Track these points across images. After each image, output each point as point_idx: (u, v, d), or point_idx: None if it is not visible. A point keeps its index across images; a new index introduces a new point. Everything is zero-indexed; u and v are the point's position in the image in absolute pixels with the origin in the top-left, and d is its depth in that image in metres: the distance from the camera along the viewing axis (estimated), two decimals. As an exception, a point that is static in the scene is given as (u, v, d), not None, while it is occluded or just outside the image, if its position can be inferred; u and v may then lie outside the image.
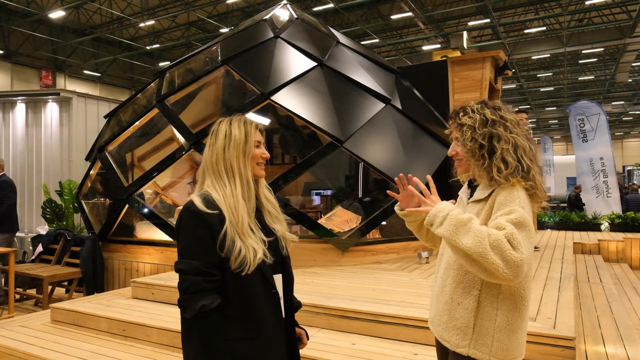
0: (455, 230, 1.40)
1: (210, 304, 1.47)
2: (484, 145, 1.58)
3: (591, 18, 19.05)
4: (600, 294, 4.86)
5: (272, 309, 1.58)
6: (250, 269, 1.49)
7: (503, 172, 1.53)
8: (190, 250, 1.50)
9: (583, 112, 11.20)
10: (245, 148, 1.60)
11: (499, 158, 1.55)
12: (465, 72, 6.49)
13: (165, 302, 4.23)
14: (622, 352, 3.20)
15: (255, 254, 1.50)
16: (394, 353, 2.99)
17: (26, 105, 8.75)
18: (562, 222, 9.59)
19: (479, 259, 1.36)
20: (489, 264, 1.35)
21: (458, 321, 1.57)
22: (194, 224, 1.50)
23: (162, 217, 5.96)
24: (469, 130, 1.61)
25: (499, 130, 1.58)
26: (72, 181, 7.82)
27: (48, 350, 3.45)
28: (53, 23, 19.77)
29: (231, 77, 6.57)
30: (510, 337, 1.53)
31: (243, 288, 1.52)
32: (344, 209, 6.26)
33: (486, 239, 1.36)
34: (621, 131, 42.07)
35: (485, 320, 1.54)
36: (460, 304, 1.57)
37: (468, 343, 1.55)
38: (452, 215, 1.43)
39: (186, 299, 1.48)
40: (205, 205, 1.51)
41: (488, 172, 1.57)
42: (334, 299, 3.64)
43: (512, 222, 1.42)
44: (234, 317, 1.51)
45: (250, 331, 1.52)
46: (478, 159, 1.59)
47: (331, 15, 18.89)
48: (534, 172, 1.56)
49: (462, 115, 1.65)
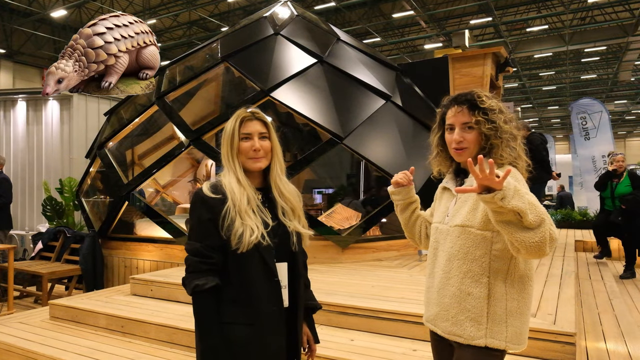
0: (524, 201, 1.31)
1: (203, 284, 1.52)
2: (489, 135, 1.57)
3: (594, 16, 18.96)
4: (601, 291, 4.83)
5: (273, 297, 1.58)
6: (246, 247, 1.52)
7: (504, 161, 1.56)
8: (194, 233, 1.61)
9: (585, 109, 11.15)
10: (232, 142, 1.64)
11: (502, 147, 1.56)
12: (466, 68, 6.47)
13: (164, 298, 4.22)
14: (623, 349, 3.18)
15: (252, 232, 1.53)
16: (393, 349, 2.97)
17: (27, 103, 8.75)
18: (563, 220, 9.55)
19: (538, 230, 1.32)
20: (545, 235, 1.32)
21: (470, 312, 1.52)
22: (199, 208, 1.60)
23: (162, 214, 5.95)
24: (494, 113, 1.58)
25: (499, 121, 1.58)
26: (73, 179, 7.82)
27: (46, 347, 3.44)
28: (55, 22, 19.79)
29: (231, 74, 6.56)
30: (521, 320, 1.54)
31: (243, 271, 1.55)
32: (344, 206, 6.24)
33: (543, 212, 1.35)
34: (624, 130, 41.93)
35: (498, 307, 1.52)
36: (471, 294, 1.52)
37: (484, 333, 1.51)
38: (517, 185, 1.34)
39: (185, 278, 1.58)
40: (211, 191, 1.60)
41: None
42: (334, 296, 3.63)
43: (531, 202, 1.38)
44: (232, 300, 1.55)
45: (247, 316, 1.54)
46: (482, 147, 1.58)
47: (333, 14, 18.85)
48: (519, 160, 1.60)
49: (485, 99, 1.59)
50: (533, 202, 1.34)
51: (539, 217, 1.33)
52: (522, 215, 1.31)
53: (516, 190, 1.31)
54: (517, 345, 1.53)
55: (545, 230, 1.33)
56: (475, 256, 1.53)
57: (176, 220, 5.87)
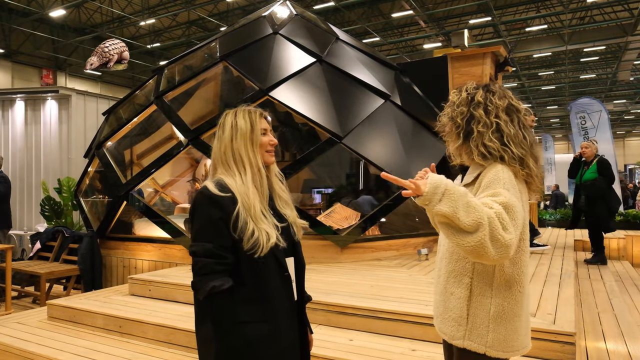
0: (457, 203, 1.28)
1: (220, 285, 1.47)
2: (460, 125, 1.56)
3: (593, 16, 18.97)
4: (601, 291, 4.82)
5: (285, 291, 1.60)
6: (263, 252, 1.51)
7: (488, 157, 1.50)
8: (203, 233, 1.53)
9: (584, 109, 11.14)
10: (253, 137, 1.64)
11: (477, 140, 1.52)
12: (465, 68, 6.46)
13: (162, 298, 4.21)
14: (623, 349, 3.17)
15: (269, 238, 1.53)
16: (392, 349, 2.96)
17: (25, 102, 8.73)
18: (563, 219, 9.55)
19: (474, 236, 1.27)
20: (482, 240, 1.26)
21: (452, 312, 1.52)
22: (207, 207, 1.53)
23: (161, 214, 5.93)
24: (450, 106, 1.61)
25: (477, 112, 1.54)
26: (71, 178, 7.80)
27: (44, 347, 3.43)
28: (54, 22, 19.76)
29: (230, 73, 6.54)
30: (507, 326, 1.47)
31: (257, 271, 1.54)
32: (343, 206, 6.22)
33: (485, 215, 1.28)
34: (623, 130, 41.94)
35: (479, 309, 1.47)
36: (453, 293, 1.52)
37: (463, 334, 1.49)
38: (450, 186, 1.31)
39: (198, 281, 1.50)
40: (218, 189, 1.54)
41: (467, 153, 1.56)
42: (333, 295, 3.61)
43: (499, 203, 1.36)
44: (247, 299, 1.53)
45: (264, 313, 1.54)
46: (455, 139, 1.59)
47: (332, 14, 18.84)
48: (528, 161, 1.51)
49: (453, 92, 1.65)
50: (474, 205, 1.29)
51: (476, 222, 1.27)
52: (451, 219, 1.28)
53: (447, 193, 1.28)
54: (503, 353, 1.48)
55: (482, 235, 1.26)
56: (459, 256, 1.53)
57: (175, 220, 5.85)
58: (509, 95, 1.60)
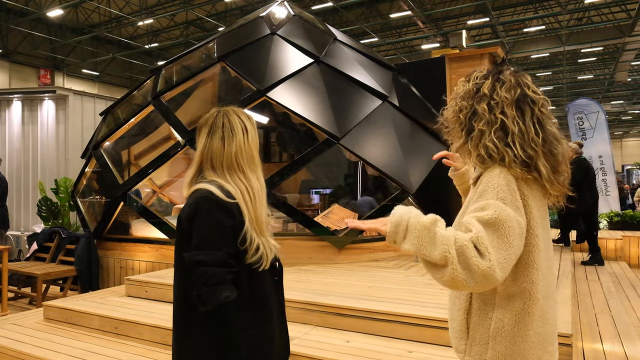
0: (421, 240, 1.18)
1: (232, 294, 1.43)
2: (463, 122, 1.38)
3: (590, 17, 19.01)
4: (598, 292, 4.82)
5: (276, 295, 1.62)
6: (267, 267, 1.52)
7: (487, 159, 1.32)
8: (211, 241, 1.44)
9: (582, 110, 11.15)
10: (257, 143, 1.64)
11: (476, 140, 1.34)
12: (463, 68, 6.46)
13: (159, 299, 4.19)
14: (619, 350, 3.17)
15: (272, 251, 1.56)
16: (389, 350, 2.95)
17: (22, 103, 8.71)
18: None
19: (445, 270, 1.17)
20: (453, 274, 1.15)
21: (455, 322, 1.43)
22: (216, 214, 1.45)
23: (158, 215, 5.92)
24: (454, 99, 1.43)
25: (480, 107, 1.35)
26: (68, 179, 7.78)
27: (40, 348, 3.41)
28: (51, 22, 19.72)
29: (227, 73, 6.53)
30: (511, 345, 1.30)
31: (255, 278, 1.53)
32: (341, 207, 6.22)
33: (452, 246, 1.16)
34: (620, 130, 42.03)
35: (479, 324, 1.35)
36: (455, 304, 1.43)
37: (464, 348, 1.39)
38: (412, 222, 1.21)
39: (208, 292, 1.39)
40: (225, 194, 1.47)
41: (467, 154, 1.39)
42: (329, 297, 3.60)
43: (482, 221, 1.21)
44: (243, 306, 1.49)
45: (259, 318, 1.54)
46: (459, 136, 1.41)
47: (330, 14, 18.84)
48: (537, 163, 1.30)
49: (460, 81, 1.46)
50: (440, 237, 1.18)
51: (442, 255, 1.16)
52: (419, 255, 1.20)
53: (409, 229, 1.20)
54: None
55: (451, 268, 1.15)
56: None
57: (172, 220, 5.84)
58: (523, 82, 1.39)
